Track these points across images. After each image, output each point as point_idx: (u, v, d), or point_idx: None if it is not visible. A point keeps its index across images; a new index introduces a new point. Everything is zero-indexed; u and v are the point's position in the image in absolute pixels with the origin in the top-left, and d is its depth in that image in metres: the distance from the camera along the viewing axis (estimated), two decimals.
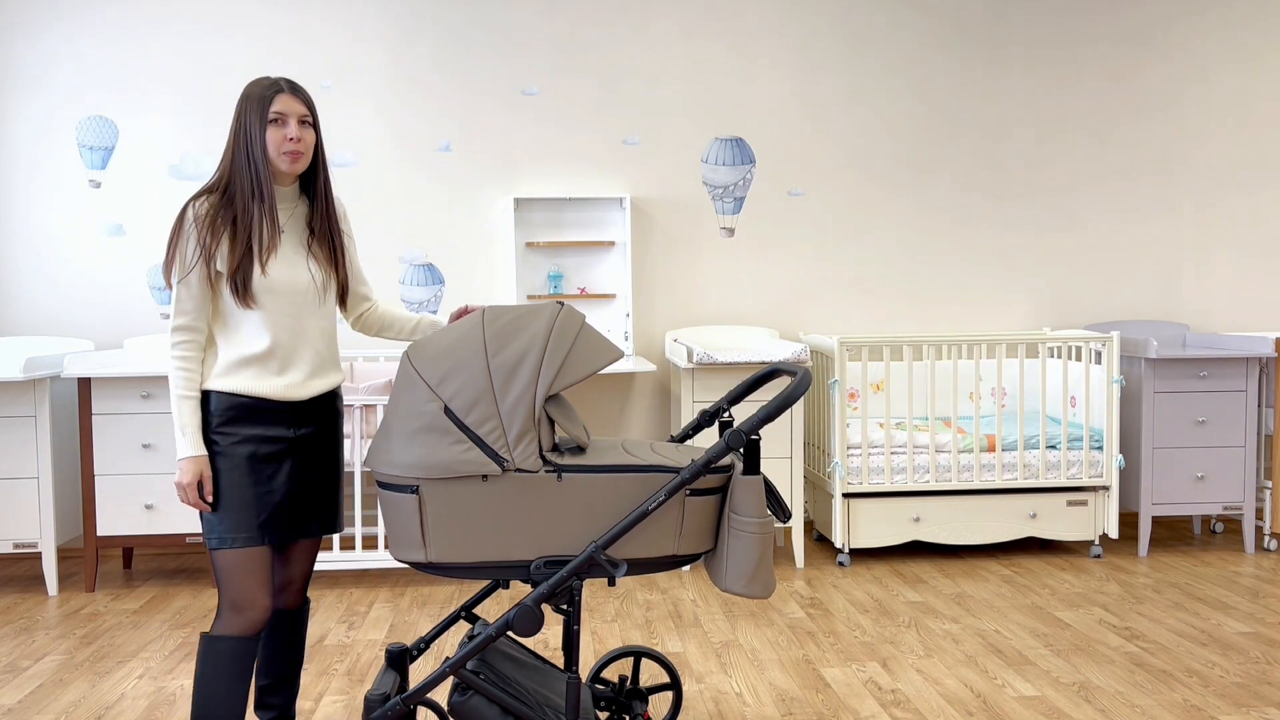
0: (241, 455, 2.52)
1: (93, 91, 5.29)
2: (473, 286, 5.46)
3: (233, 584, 2.51)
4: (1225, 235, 5.78)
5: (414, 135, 5.42)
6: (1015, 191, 5.70)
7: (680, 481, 2.51)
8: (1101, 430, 4.96)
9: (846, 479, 4.85)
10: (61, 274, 5.32)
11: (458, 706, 2.61)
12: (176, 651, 3.89)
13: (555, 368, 2.51)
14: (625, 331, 5.44)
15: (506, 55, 5.44)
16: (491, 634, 2.57)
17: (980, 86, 5.66)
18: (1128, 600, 4.35)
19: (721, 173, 5.56)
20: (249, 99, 2.54)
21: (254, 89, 2.55)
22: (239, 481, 2.51)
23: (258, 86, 2.55)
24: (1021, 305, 5.72)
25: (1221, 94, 5.75)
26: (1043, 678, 3.51)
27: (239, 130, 2.54)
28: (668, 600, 4.44)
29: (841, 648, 3.83)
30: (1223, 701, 3.30)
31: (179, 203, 5.28)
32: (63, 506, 4.75)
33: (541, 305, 2.59)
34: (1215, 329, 5.75)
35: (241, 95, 2.57)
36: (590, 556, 2.50)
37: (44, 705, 3.40)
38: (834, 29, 5.58)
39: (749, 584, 2.57)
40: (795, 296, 5.62)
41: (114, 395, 4.57)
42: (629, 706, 2.98)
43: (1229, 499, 5.03)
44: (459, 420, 2.47)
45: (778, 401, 2.48)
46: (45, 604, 4.52)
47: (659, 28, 5.50)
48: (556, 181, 5.48)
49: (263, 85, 2.55)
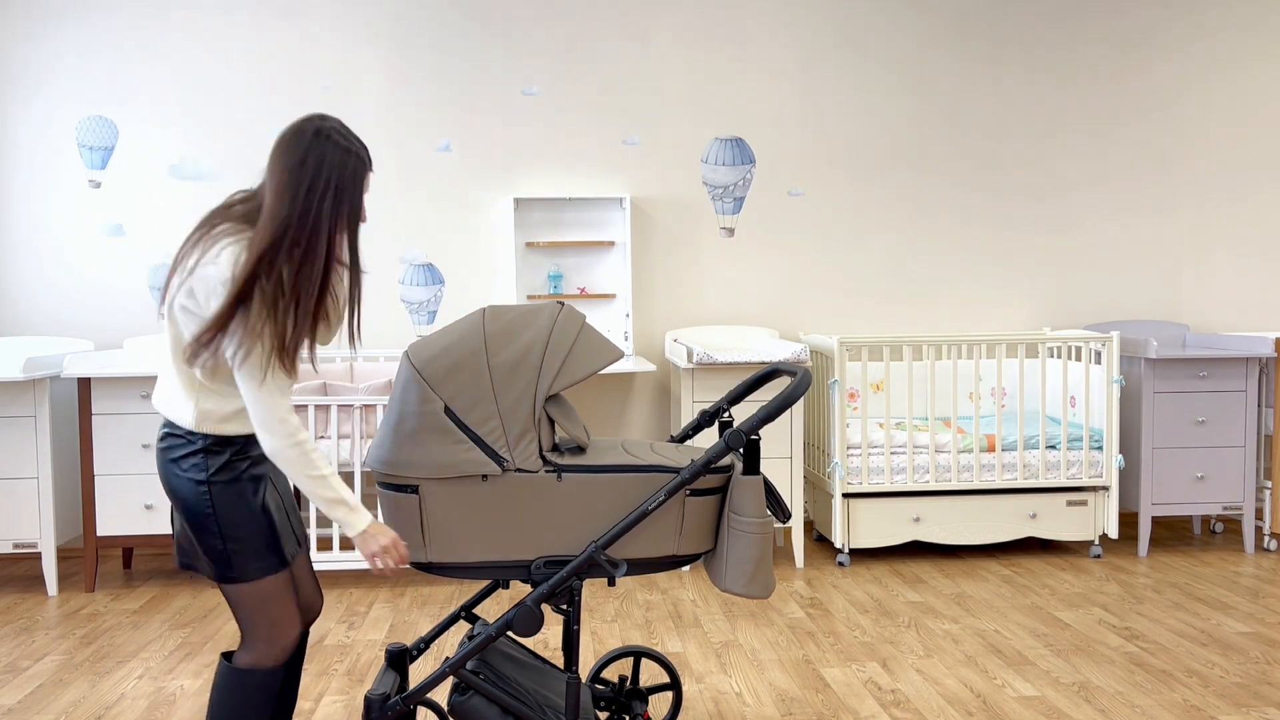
0: (245, 485, 2.35)
1: (93, 91, 5.29)
2: (473, 286, 5.46)
3: (266, 615, 2.37)
4: (1225, 235, 5.78)
5: (414, 135, 5.42)
6: (1015, 191, 5.70)
7: (680, 481, 2.51)
8: (1101, 430, 4.95)
9: (846, 479, 4.85)
10: (61, 274, 5.32)
11: (458, 706, 2.61)
12: (176, 651, 3.89)
13: (555, 368, 2.51)
14: (625, 331, 5.44)
15: (506, 55, 5.44)
16: (491, 634, 2.57)
17: (980, 86, 5.66)
18: (1128, 600, 4.35)
19: (721, 173, 5.56)
20: (361, 163, 2.27)
21: (356, 158, 2.26)
22: (248, 512, 2.34)
23: (359, 158, 2.27)
24: (1021, 305, 5.72)
25: (1221, 94, 5.75)
26: (1043, 678, 3.51)
27: (325, 191, 2.21)
28: (668, 600, 4.44)
29: (841, 648, 3.83)
30: (1223, 701, 3.30)
31: (179, 202, 5.30)
32: (63, 506, 4.75)
33: (542, 305, 2.59)
34: (1215, 329, 5.75)
35: (337, 148, 2.23)
36: (590, 556, 2.50)
37: (44, 705, 3.40)
38: (834, 29, 5.58)
39: (749, 584, 2.57)
40: (795, 296, 5.62)
41: (114, 395, 4.57)
42: (629, 706, 2.98)
43: (1229, 499, 5.03)
44: (459, 420, 2.47)
45: (777, 402, 2.48)
46: (45, 604, 4.52)
47: (659, 28, 5.50)
48: (556, 181, 5.49)
49: (364, 154, 2.29)
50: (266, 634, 2.38)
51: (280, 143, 2.25)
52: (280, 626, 2.39)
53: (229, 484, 2.32)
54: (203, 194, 5.34)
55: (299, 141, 2.22)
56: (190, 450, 2.31)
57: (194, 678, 3.62)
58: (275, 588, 2.37)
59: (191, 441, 2.32)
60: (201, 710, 3.33)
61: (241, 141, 5.33)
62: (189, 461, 2.31)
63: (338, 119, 2.30)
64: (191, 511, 2.32)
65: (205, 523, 2.32)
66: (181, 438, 2.33)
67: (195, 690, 3.51)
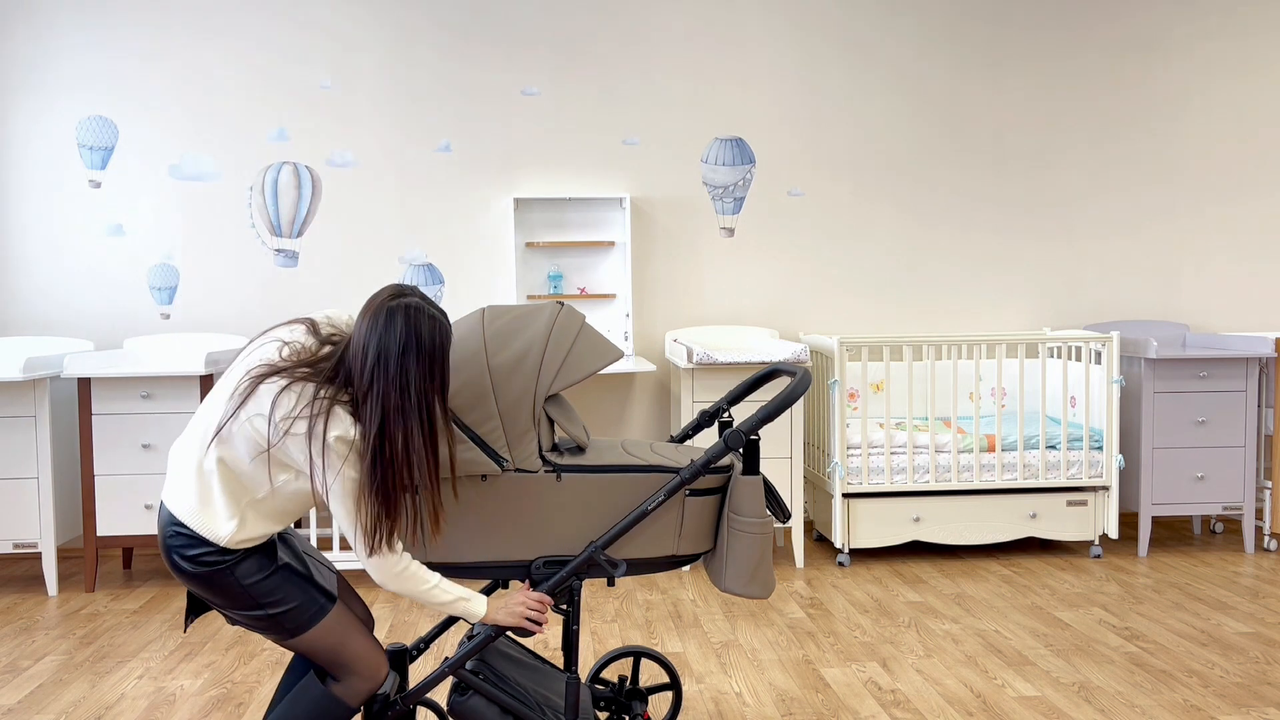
0: (261, 558, 2.36)
1: (93, 91, 5.29)
2: (473, 286, 5.46)
3: (348, 652, 2.40)
4: (1225, 235, 5.78)
5: (414, 135, 5.42)
6: (1015, 192, 5.70)
7: (680, 481, 2.51)
8: (1101, 430, 4.95)
9: (846, 479, 4.85)
10: (61, 274, 5.32)
11: (457, 706, 2.61)
12: (176, 651, 3.89)
13: (555, 368, 2.51)
14: (625, 331, 5.44)
15: (506, 55, 5.44)
16: (491, 634, 2.57)
17: (981, 85, 5.66)
18: (1128, 600, 4.35)
19: (721, 173, 5.56)
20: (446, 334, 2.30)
21: (447, 336, 2.30)
22: (277, 576, 2.36)
23: (447, 335, 2.30)
24: (1021, 305, 5.72)
25: (1221, 97, 5.75)
26: (1043, 678, 3.51)
27: (409, 373, 2.23)
28: (668, 600, 4.44)
29: (841, 648, 3.83)
30: (1223, 701, 3.29)
31: (179, 202, 5.31)
32: (63, 506, 4.75)
33: (541, 305, 2.59)
34: (1215, 329, 5.75)
35: (435, 327, 2.26)
36: (590, 556, 2.50)
37: (44, 705, 3.40)
38: (834, 29, 5.58)
39: (749, 584, 2.57)
40: (795, 296, 5.62)
41: (114, 395, 4.57)
42: (629, 706, 2.98)
43: (1229, 499, 5.03)
44: (459, 420, 2.47)
45: (777, 402, 2.48)
46: (45, 604, 4.52)
47: (659, 28, 5.50)
48: (556, 181, 5.49)
49: (447, 333, 2.32)
50: (357, 668, 2.42)
51: (371, 315, 2.26)
52: (365, 659, 2.42)
53: (245, 560, 2.33)
54: (203, 194, 5.34)
55: (392, 318, 2.24)
56: (209, 551, 2.30)
57: (194, 678, 3.62)
58: (338, 623, 2.40)
59: (212, 549, 2.30)
60: (202, 710, 3.34)
61: (241, 141, 5.33)
62: (210, 557, 2.30)
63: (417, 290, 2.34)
64: (221, 595, 2.33)
65: (238, 603, 2.34)
66: (200, 543, 2.30)
67: (195, 690, 3.51)
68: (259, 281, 5.38)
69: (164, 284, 5.35)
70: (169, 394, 4.59)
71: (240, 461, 2.28)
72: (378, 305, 2.27)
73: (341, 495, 2.25)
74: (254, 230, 5.37)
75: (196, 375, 4.58)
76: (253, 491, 2.30)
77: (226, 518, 2.29)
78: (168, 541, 2.32)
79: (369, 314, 2.26)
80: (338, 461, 2.22)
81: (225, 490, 2.29)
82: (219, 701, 3.41)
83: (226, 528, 2.28)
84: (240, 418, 2.26)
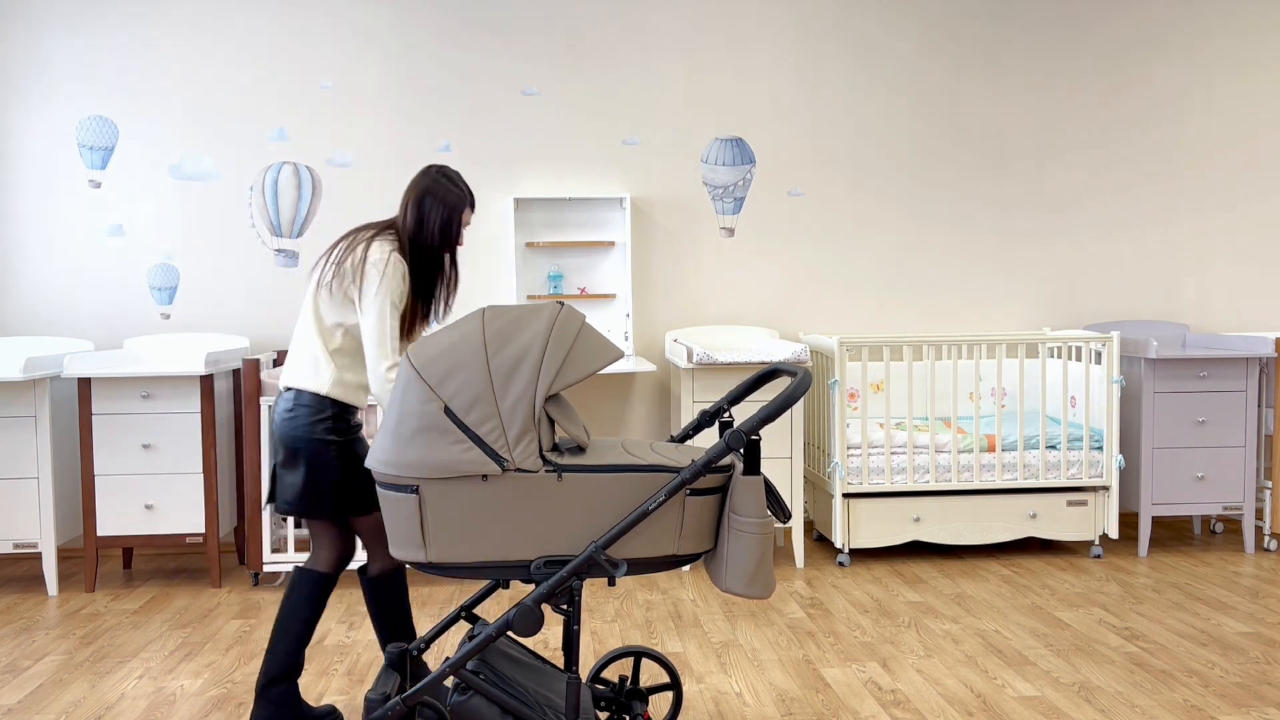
0: (360, 444, 3.05)
1: (93, 91, 5.29)
2: (473, 286, 5.46)
3: (384, 534, 2.88)
4: (1225, 235, 5.78)
5: (414, 135, 5.42)
6: (1015, 192, 5.70)
7: (680, 481, 2.51)
8: (1101, 430, 4.96)
9: (846, 479, 4.85)
10: (61, 274, 5.32)
11: (458, 707, 2.61)
12: (176, 651, 3.89)
13: (555, 367, 2.51)
14: (625, 331, 5.44)
15: (506, 55, 5.44)
16: (491, 634, 2.57)
17: (981, 85, 5.66)
18: (1128, 600, 4.35)
19: (721, 173, 5.56)
20: (463, 195, 3.15)
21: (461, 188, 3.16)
22: (361, 465, 2.98)
23: (461, 188, 3.16)
24: (1021, 305, 5.72)
25: (1221, 97, 5.75)
26: (1043, 678, 3.51)
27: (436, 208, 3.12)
28: (668, 600, 4.44)
29: (841, 648, 3.83)
30: (1223, 701, 3.30)
31: (179, 202, 5.31)
32: (63, 506, 4.75)
33: (541, 305, 2.59)
34: (1215, 329, 5.75)
35: (447, 180, 3.16)
36: (590, 556, 2.50)
37: (44, 705, 3.40)
38: (834, 29, 5.58)
39: (749, 584, 2.57)
40: (795, 296, 5.62)
41: (114, 395, 4.57)
42: (629, 706, 2.98)
43: (1229, 499, 5.03)
44: (459, 420, 2.47)
45: (778, 402, 2.48)
46: (45, 604, 4.52)
47: (659, 28, 5.50)
48: (556, 181, 5.49)
49: (465, 190, 3.16)
50: (385, 540, 2.89)
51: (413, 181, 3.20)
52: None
53: (349, 444, 2.98)
54: (203, 194, 5.34)
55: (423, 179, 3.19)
56: (321, 416, 2.94)
57: (194, 678, 3.62)
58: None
59: (321, 409, 2.94)
60: (202, 710, 3.34)
61: (241, 141, 5.33)
62: (321, 426, 2.94)
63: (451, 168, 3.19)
64: (319, 465, 2.94)
65: (330, 473, 2.94)
66: (309, 406, 2.94)
67: (195, 690, 3.51)
68: (259, 281, 5.38)
69: (164, 284, 5.35)
70: (169, 394, 4.59)
71: (327, 314, 2.97)
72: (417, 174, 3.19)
73: (374, 308, 2.92)
74: (254, 230, 5.37)
75: (196, 375, 4.58)
76: (334, 338, 2.97)
77: (325, 366, 2.95)
78: (287, 418, 2.96)
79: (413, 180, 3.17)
80: (375, 277, 2.93)
81: (324, 345, 2.97)
82: (219, 701, 3.41)
83: (325, 374, 2.94)
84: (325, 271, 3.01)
